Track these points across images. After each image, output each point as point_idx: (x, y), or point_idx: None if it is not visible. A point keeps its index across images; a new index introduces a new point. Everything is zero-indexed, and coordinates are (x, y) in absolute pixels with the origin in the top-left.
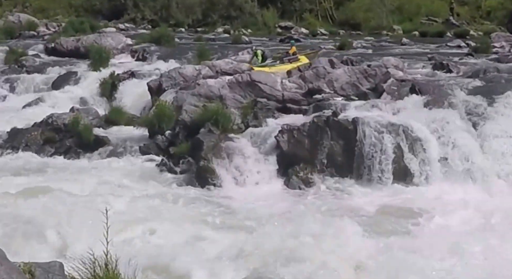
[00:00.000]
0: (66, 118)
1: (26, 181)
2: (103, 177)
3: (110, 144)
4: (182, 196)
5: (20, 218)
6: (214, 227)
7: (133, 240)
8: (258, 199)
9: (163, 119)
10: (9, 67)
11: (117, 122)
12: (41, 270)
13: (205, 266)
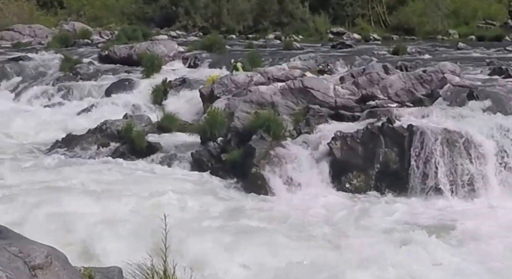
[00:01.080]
0: (119, 125)
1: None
2: (156, 184)
3: (162, 150)
4: (234, 203)
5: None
6: (266, 235)
7: (189, 247)
8: (310, 206)
9: (215, 125)
10: (64, 74)
11: (169, 129)
12: (100, 275)
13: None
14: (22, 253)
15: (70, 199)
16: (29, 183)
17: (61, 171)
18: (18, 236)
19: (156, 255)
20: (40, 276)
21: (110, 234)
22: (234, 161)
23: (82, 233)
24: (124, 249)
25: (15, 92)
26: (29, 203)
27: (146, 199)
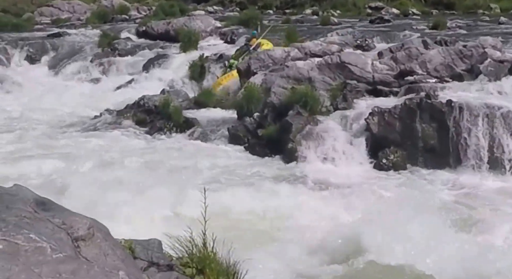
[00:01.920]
0: (156, 100)
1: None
2: (192, 159)
3: (199, 126)
4: (271, 178)
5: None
6: (306, 209)
7: (229, 220)
8: (346, 181)
9: (252, 101)
10: (102, 50)
11: (206, 104)
12: (140, 247)
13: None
14: (65, 225)
15: (108, 172)
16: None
17: (98, 146)
18: (61, 208)
19: (196, 228)
20: (82, 247)
21: (150, 207)
22: (270, 136)
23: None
24: (164, 222)
25: (54, 68)
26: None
27: (183, 174)
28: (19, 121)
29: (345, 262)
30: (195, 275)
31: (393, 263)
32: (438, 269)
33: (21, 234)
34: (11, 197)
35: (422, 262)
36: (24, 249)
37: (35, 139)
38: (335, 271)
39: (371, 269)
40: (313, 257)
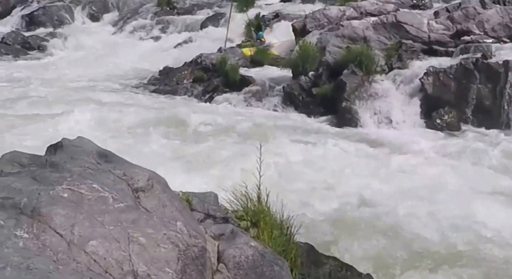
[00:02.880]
0: (214, 58)
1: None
2: (248, 116)
3: (255, 84)
4: (324, 135)
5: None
6: (358, 167)
7: (283, 176)
8: (399, 140)
9: (307, 60)
10: (162, 9)
11: (262, 63)
12: (197, 199)
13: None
14: (126, 176)
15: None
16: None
17: (158, 102)
18: (122, 160)
19: (251, 183)
20: (142, 198)
21: (206, 161)
22: (324, 95)
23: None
24: (220, 176)
25: (116, 26)
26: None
27: (238, 130)
28: (82, 77)
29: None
30: (249, 228)
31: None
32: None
33: (85, 184)
34: (75, 148)
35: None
36: (87, 198)
37: (96, 94)
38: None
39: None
40: (366, 211)
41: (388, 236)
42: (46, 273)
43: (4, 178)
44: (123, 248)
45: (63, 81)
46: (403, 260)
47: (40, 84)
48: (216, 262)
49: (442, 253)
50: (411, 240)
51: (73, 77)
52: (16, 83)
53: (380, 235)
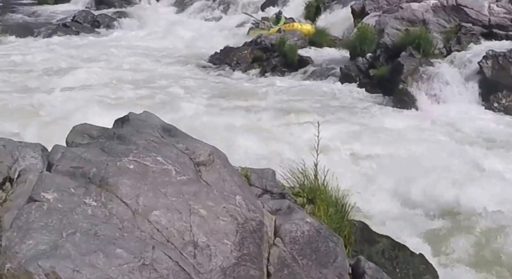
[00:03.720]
0: (273, 39)
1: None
2: (307, 95)
3: (312, 64)
4: (381, 118)
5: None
6: (416, 148)
7: (340, 154)
8: (457, 123)
9: (365, 41)
10: None
11: (320, 44)
12: (255, 175)
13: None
14: (188, 150)
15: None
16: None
17: (221, 82)
18: (184, 135)
19: (308, 161)
20: (203, 172)
21: (264, 138)
22: (381, 76)
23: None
24: (278, 152)
25: (179, 6)
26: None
27: (295, 109)
28: (148, 55)
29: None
30: (305, 204)
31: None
32: None
33: (150, 156)
34: (141, 122)
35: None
36: (152, 170)
37: (158, 69)
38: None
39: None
40: (420, 190)
41: (445, 217)
42: (112, 239)
43: (75, 148)
44: (185, 219)
45: (128, 58)
46: (460, 243)
47: (106, 59)
48: (273, 236)
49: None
50: (468, 221)
51: (138, 53)
52: (82, 57)
53: (436, 214)
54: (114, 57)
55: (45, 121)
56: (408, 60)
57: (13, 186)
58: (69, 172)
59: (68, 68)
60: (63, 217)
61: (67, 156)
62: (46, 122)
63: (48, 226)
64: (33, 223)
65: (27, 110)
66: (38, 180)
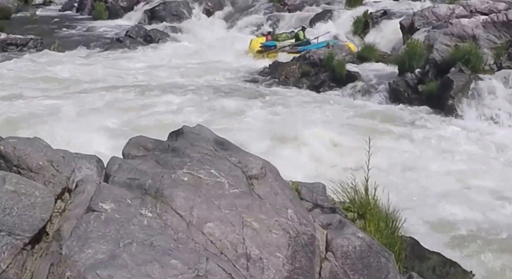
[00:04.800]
0: (321, 54)
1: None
2: (354, 109)
3: (360, 79)
4: (430, 133)
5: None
6: (463, 165)
7: (390, 169)
8: (507, 141)
9: (414, 57)
10: (273, 5)
11: (368, 59)
12: (306, 189)
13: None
14: (241, 163)
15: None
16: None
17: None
18: (237, 148)
19: (358, 175)
20: (255, 185)
21: (315, 152)
22: (430, 92)
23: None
24: (328, 167)
25: (229, 21)
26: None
27: (346, 124)
28: (199, 69)
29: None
30: (356, 219)
31: None
32: None
33: (203, 169)
34: (195, 135)
35: None
36: (205, 183)
37: (207, 83)
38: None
39: None
40: (470, 210)
41: (498, 236)
42: (167, 250)
43: (131, 160)
44: (238, 231)
45: (179, 71)
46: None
47: (160, 72)
48: (324, 251)
49: None
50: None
51: (190, 67)
52: (137, 71)
53: (489, 232)
54: (166, 70)
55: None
56: (458, 76)
57: (71, 196)
58: (125, 183)
59: (122, 79)
60: (120, 228)
61: (124, 168)
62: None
63: (106, 236)
64: (92, 233)
65: (83, 120)
66: (96, 190)
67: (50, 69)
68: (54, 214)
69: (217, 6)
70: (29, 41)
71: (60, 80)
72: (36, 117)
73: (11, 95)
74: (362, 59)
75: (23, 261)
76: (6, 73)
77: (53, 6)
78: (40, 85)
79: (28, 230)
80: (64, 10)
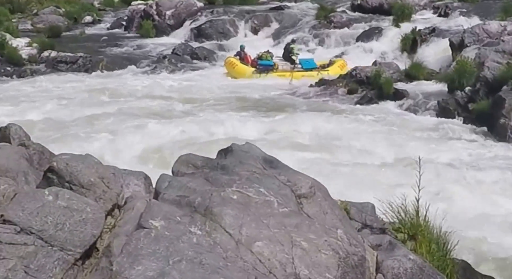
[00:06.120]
0: (368, 71)
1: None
2: (403, 128)
3: (408, 97)
4: (481, 154)
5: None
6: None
7: (442, 190)
8: None
9: (464, 75)
10: (319, 22)
11: (417, 77)
12: (355, 209)
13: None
14: (290, 182)
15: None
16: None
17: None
18: (286, 167)
19: (409, 196)
20: (304, 204)
21: (363, 171)
22: (481, 110)
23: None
24: (376, 187)
25: (275, 39)
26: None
27: (393, 142)
28: (244, 86)
29: None
30: (406, 240)
31: None
32: None
33: (252, 187)
34: (243, 153)
35: None
36: (254, 201)
37: (253, 99)
38: None
39: None
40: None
41: None
42: (216, 268)
43: (181, 178)
44: (287, 251)
45: (228, 88)
46: None
47: (208, 88)
48: (374, 272)
49: None
50: None
51: (238, 83)
52: (186, 87)
53: None
54: (215, 87)
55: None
56: (510, 94)
57: (121, 212)
58: (175, 201)
59: (169, 96)
60: (170, 245)
61: (173, 185)
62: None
63: (156, 253)
64: (142, 250)
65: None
66: (146, 207)
67: (98, 86)
68: (104, 230)
69: (263, 24)
70: (78, 58)
71: (107, 96)
72: (86, 131)
73: (57, 109)
74: (410, 77)
75: (74, 276)
76: (55, 90)
77: (102, 24)
78: (87, 101)
79: (79, 245)
80: (112, 28)
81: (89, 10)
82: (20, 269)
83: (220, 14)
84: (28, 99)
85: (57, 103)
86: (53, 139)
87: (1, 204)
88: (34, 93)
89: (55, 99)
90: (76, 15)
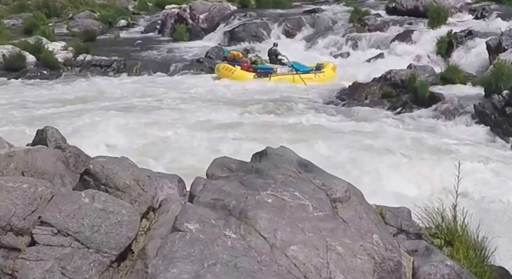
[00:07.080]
0: (403, 75)
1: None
2: (439, 132)
3: (444, 101)
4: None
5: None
6: None
7: (480, 194)
8: None
9: (501, 78)
10: (353, 25)
11: (453, 80)
12: (390, 213)
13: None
14: (325, 186)
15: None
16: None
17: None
18: (321, 171)
19: (446, 201)
20: (339, 209)
21: (399, 177)
22: None
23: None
24: (414, 191)
25: (309, 42)
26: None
27: (431, 147)
28: (278, 89)
29: None
30: (443, 246)
31: None
32: None
33: (287, 191)
34: (278, 157)
35: None
36: (289, 205)
37: (294, 103)
38: None
39: None
40: None
41: None
42: (251, 272)
43: (215, 181)
44: (322, 255)
45: (260, 92)
46: None
47: (243, 92)
48: (410, 278)
49: None
50: None
51: (269, 86)
52: (220, 90)
53: None
54: (247, 89)
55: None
56: None
57: (155, 215)
58: (210, 204)
59: (205, 99)
60: (205, 248)
61: (208, 188)
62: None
63: (191, 256)
64: (177, 253)
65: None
66: (181, 210)
67: (132, 90)
68: (140, 232)
69: (296, 27)
70: (112, 62)
71: (140, 100)
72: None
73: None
74: (446, 81)
75: (109, 278)
76: (89, 93)
77: (136, 28)
78: (121, 104)
79: (115, 247)
80: (146, 32)
81: (124, 14)
82: (57, 270)
83: (253, 17)
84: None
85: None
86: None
87: (39, 206)
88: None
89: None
90: (111, 19)
